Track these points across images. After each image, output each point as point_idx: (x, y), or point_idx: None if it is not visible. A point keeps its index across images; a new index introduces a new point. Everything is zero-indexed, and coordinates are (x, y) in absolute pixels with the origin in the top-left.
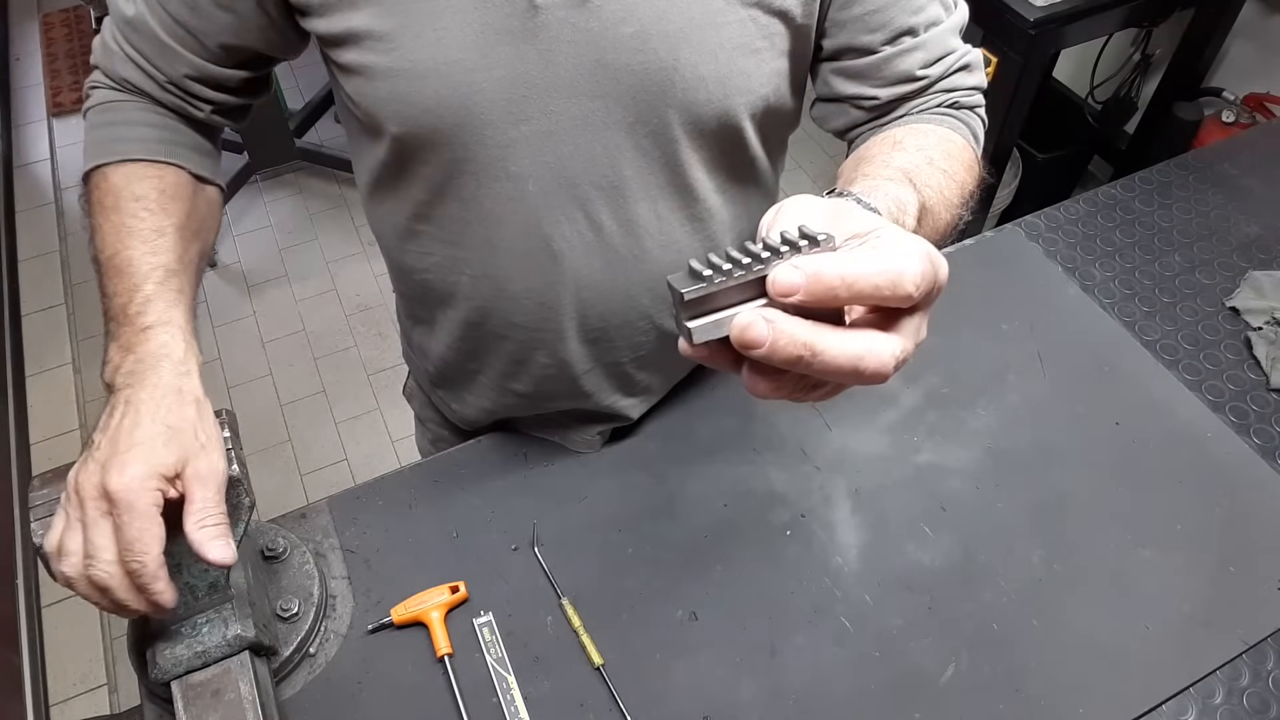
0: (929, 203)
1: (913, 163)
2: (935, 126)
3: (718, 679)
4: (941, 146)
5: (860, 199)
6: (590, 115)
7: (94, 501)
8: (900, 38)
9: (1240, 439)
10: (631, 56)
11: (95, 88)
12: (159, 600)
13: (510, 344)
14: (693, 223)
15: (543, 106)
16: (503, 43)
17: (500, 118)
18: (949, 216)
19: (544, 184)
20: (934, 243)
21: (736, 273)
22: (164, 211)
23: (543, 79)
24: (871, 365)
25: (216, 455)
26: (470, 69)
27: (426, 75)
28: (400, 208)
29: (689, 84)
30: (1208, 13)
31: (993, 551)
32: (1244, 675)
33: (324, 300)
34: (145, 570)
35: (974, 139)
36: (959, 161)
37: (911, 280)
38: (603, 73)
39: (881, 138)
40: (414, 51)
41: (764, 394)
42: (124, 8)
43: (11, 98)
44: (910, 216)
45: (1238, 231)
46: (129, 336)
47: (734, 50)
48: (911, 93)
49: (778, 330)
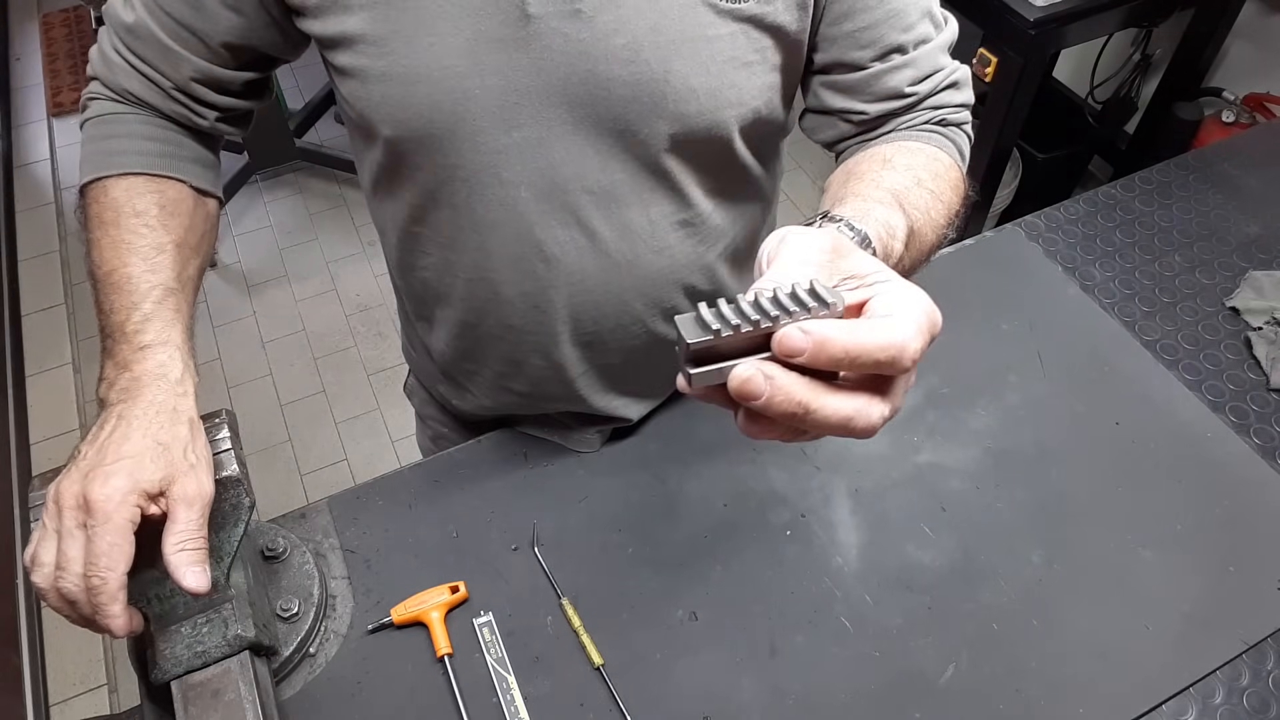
0: (916, 225)
1: (901, 183)
2: (923, 145)
3: (718, 679)
4: (929, 166)
5: (852, 224)
6: (581, 124)
7: (72, 511)
8: (890, 55)
9: (1240, 439)
10: (623, 68)
11: (94, 99)
12: (110, 625)
13: (505, 345)
14: (685, 228)
15: (534, 114)
16: (495, 51)
17: (492, 124)
18: (934, 238)
19: (536, 190)
20: (920, 263)
21: (744, 328)
22: (164, 228)
23: (534, 87)
24: (861, 425)
25: (205, 477)
26: (462, 75)
27: (419, 80)
28: (399, 209)
29: (680, 96)
30: (1208, 13)
31: (993, 551)
32: (1244, 675)
33: (324, 300)
34: (105, 588)
35: (960, 157)
36: (946, 182)
37: (911, 356)
38: (594, 83)
39: (870, 154)
40: (407, 57)
41: (755, 436)
42: (123, 15)
43: (11, 98)
44: (899, 241)
45: (1238, 231)
46: (126, 354)
47: (725, 63)
48: (900, 109)
49: (775, 387)
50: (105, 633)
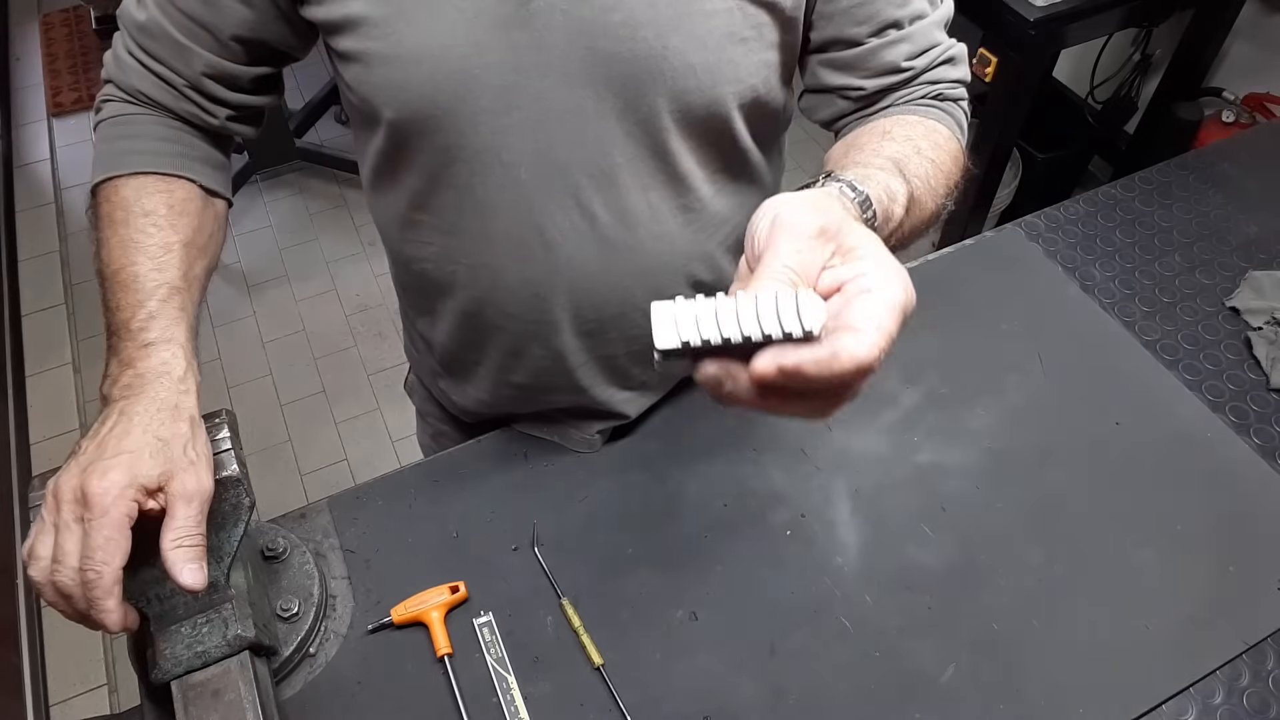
0: (917, 193)
1: (902, 152)
2: (921, 119)
3: (718, 679)
4: (929, 138)
5: (854, 184)
6: (581, 103)
7: (70, 505)
8: (886, 30)
9: (1240, 439)
10: (621, 44)
11: (108, 100)
12: (104, 619)
13: (506, 335)
14: (685, 213)
15: (535, 93)
16: (496, 29)
17: (493, 104)
18: (934, 206)
19: (536, 172)
20: (919, 231)
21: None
22: (172, 227)
23: (535, 66)
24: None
25: (205, 474)
26: (464, 55)
27: (421, 61)
28: (399, 197)
29: (678, 72)
30: (1208, 13)
31: (993, 551)
32: (1244, 675)
33: (324, 300)
34: (99, 582)
35: (959, 130)
36: (945, 152)
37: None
38: (593, 60)
39: (870, 127)
40: (409, 37)
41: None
42: (136, 14)
43: (11, 98)
44: (899, 205)
45: (1238, 231)
46: (130, 351)
47: (722, 38)
48: (897, 84)
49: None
50: (101, 628)
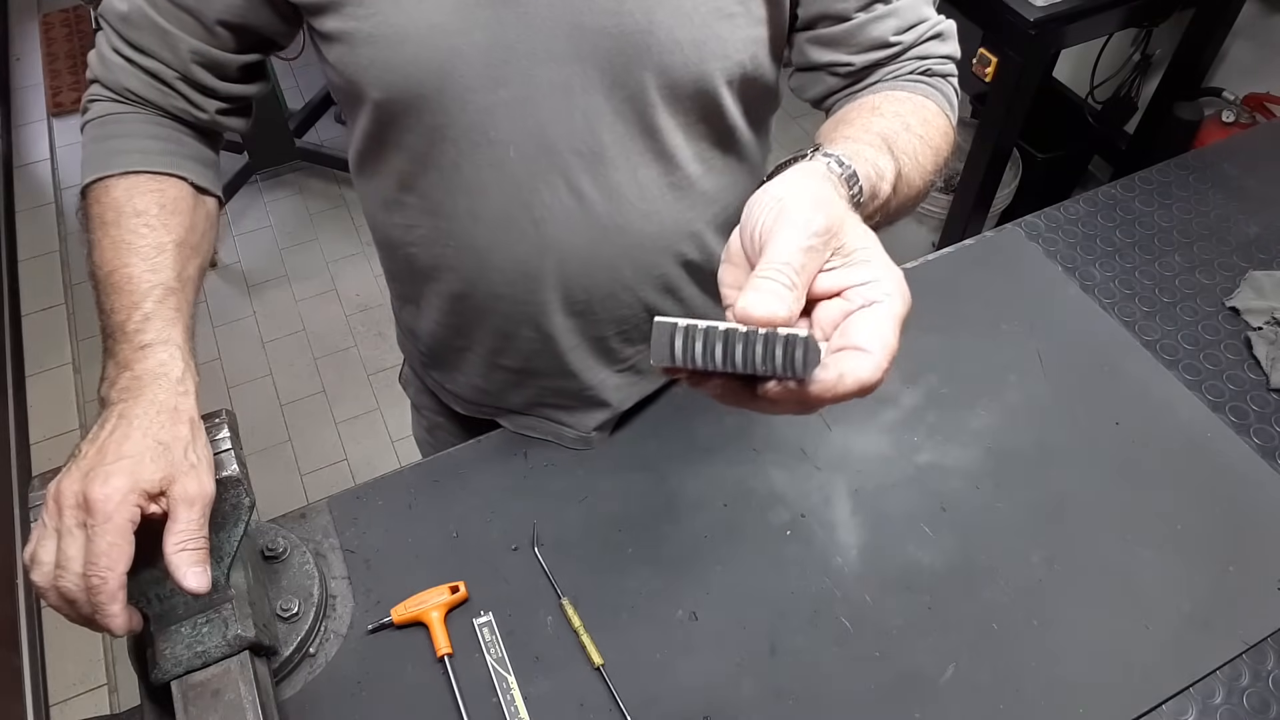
0: (904, 169)
1: (890, 128)
2: (910, 94)
3: (718, 679)
4: (918, 113)
5: (843, 160)
6: (569, 80)
7: (72, 510)
8: (873, 4)
9: (1240, 439)
10: (607, 19)
11: (94, 100)
12: (109, 624)
13: (496, 317)
14: (674, 191)
15: (522, 71)
16: (482, 6)
17: (480, 82)
18: (922, 183)
19: (524, 150)
20: (906, 207)
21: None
22: (164, 227)
23: (521, 43)
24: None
25: (206, 477)
26: (450, 33)
27: (406, 40)
28: (385, 179)
29: (664, 47)
30: (1208, 13)
31: (993, 551)
32: (1244, 675)
33: (324, 300)
34: (104, 588)
35: (949, 106)
36: (934, 128)
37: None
38: (579, 35)
39: (860, 103)
40: (394, 16)
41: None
42: (117, 5)
43: (11, 98)
44: (887, 183)
45: (1238, 231)
46: (127, 353)
47: (709, 14)
48: (885, 59)
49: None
50: (105, 632)
